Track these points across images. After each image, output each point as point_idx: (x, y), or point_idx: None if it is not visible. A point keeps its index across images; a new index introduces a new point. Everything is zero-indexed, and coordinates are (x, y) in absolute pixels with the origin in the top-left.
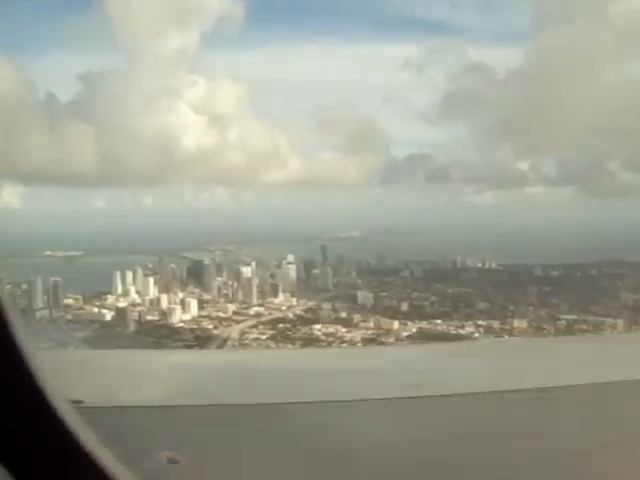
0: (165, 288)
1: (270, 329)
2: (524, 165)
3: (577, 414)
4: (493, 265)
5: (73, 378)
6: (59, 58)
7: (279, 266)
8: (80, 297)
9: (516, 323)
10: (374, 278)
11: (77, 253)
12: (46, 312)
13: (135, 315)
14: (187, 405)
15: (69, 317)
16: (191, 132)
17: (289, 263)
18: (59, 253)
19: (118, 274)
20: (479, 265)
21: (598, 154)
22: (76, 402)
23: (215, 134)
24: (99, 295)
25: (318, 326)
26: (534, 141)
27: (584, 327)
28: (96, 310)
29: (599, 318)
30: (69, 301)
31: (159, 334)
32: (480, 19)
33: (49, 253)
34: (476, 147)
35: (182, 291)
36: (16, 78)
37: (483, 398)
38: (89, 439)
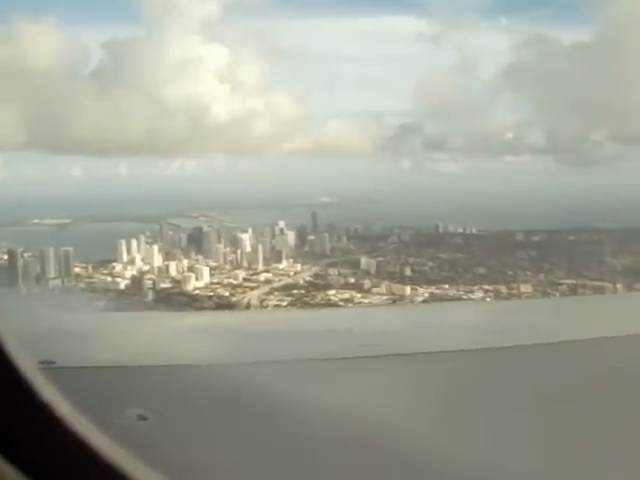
0: (167, 255)
1: (287, 295)
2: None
3: (534, 371)
4: (474, 230)
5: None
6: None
7: (273, 232)
8: (88, 266)
9: (522, 288)
10: (366, 243)
11: (65, 221)
12: (58, 281)
13: (149, 283)
14: (181, 365)
15: (82, 286)
16: (215, 101)
17: (287, 230)
18: (47, 221)
19: (123, 242)
20: (460, 230)
21: None
22: (47, 363)
23: (238, 103)
24: (104, 263)
25: (332, 292)
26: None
27: (587, 292)
28: (109, 279)
29: (596, 282)
30: (77, 270)
31: (178, 302)
32: None
33: (37, 221)
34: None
35: (186, 258)
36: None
37: (447, 357)
38: (56, 400)
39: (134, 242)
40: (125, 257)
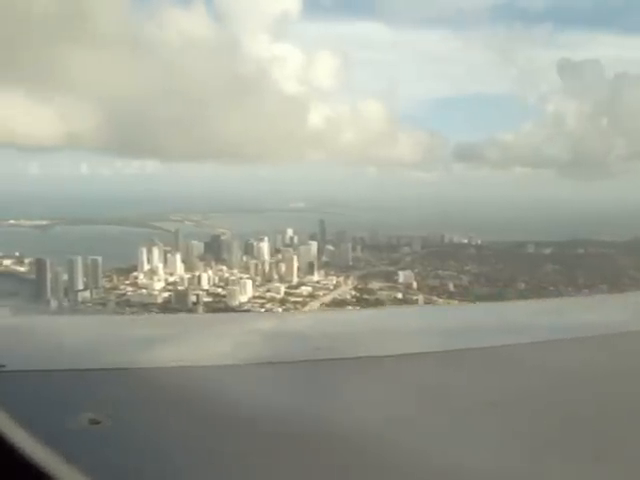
0: (185, 265)
1: None
2: None
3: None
4: (479, 241)
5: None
6: None
7: (283, 240)
8: (112, 276)
9: None
10: (380, 253)
11: (44, 222)
12: (87, 293)
13: (194, 297)
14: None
15: (113, 299)
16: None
17: (310, 239)
18: (24, 222)
19: (144, 250)
20: (465, 241)
21: None
22: None
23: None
24: (123, 272)
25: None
26: None
27: None
28: (144, 291)
29: None
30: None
31: None
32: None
33: (13, 222)
34: None
35: (209, 268)
36: None
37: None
38: None
39: (155, 250)
40: (145, 266)
